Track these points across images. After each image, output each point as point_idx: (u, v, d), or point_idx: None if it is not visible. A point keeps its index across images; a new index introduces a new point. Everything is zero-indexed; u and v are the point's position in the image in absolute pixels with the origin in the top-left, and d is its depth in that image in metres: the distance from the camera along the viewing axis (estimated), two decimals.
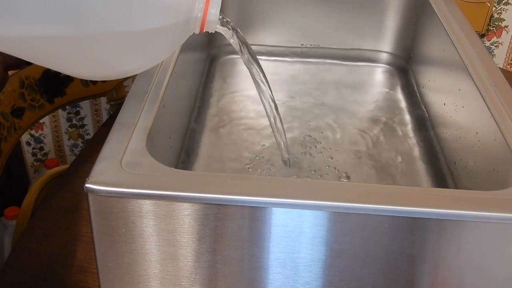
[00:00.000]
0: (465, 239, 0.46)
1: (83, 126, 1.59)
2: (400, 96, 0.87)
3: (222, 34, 0.58)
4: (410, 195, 0.46)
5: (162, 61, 0.64)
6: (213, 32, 0.53)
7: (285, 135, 0.68)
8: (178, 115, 0.70)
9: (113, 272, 0.49)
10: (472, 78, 0.64)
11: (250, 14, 0.93)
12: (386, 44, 0.95)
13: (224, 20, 0.54)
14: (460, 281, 0.48)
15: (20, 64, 0.52)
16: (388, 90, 0.89)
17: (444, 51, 0.75)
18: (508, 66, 1.41)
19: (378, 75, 0.93)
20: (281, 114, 0.63)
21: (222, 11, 0.52)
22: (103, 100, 1.55)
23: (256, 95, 0.64)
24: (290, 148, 0.71)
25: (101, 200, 0.45)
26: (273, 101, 0.64)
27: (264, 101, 0.64)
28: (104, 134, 0.51)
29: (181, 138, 0.72)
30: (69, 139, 1.62)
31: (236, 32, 0.58)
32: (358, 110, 0.83)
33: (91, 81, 1.07)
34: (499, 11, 1.33)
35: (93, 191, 0.45)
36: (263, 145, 0.74)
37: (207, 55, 0.93)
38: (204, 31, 0.52)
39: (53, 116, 1.57)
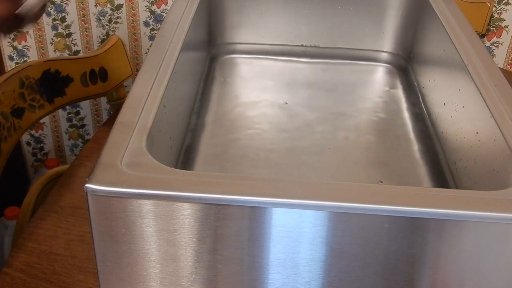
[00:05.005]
0: (465, 239, 0.46)
1: (83, 126, 1.59)
2: (400, 95, 0.87)
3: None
4: (410, 195, 0.46)
5: (162, 61, 0.64)
6: None
7: None
8: (178, 115, 0.70)
9: (113, 272, 0.49)
10: (472, 78, 0.64)
11: (250, 14, 0.93)
12: (386, 43, 0.95)
13: None
14: (460, 281, 0.48)
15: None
16: (388, 89, 0.89)
17: (444, 51, 0.75)
18: (508, 66, 1.41)
19: (379, 75, 0.93)
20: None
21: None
22: (103, 100, 1.55)
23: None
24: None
25: (101, 200, 0.45)
26: None
27: None
28: (104, 134, 0.51)
29: (181, 138, 0.72)
30: (69, 139, 1.62)
31: None
32: (358, 109, 0.83)
33: (91, 81, 1.07)
34: (499, 11, 1.33)
35: (93, 191, 0.45)
36: (263, 143, 0.74)
37: (207, 54, 0.93)
38: None
39: (53, 116, 1.57)
